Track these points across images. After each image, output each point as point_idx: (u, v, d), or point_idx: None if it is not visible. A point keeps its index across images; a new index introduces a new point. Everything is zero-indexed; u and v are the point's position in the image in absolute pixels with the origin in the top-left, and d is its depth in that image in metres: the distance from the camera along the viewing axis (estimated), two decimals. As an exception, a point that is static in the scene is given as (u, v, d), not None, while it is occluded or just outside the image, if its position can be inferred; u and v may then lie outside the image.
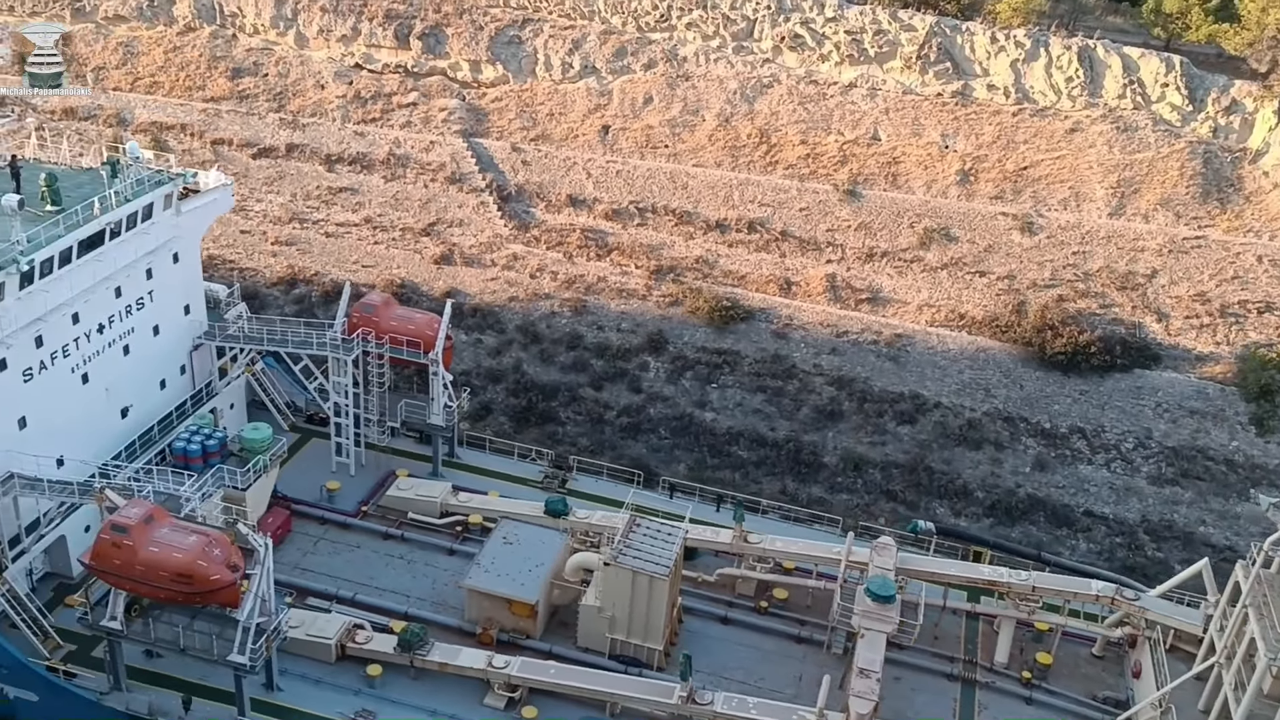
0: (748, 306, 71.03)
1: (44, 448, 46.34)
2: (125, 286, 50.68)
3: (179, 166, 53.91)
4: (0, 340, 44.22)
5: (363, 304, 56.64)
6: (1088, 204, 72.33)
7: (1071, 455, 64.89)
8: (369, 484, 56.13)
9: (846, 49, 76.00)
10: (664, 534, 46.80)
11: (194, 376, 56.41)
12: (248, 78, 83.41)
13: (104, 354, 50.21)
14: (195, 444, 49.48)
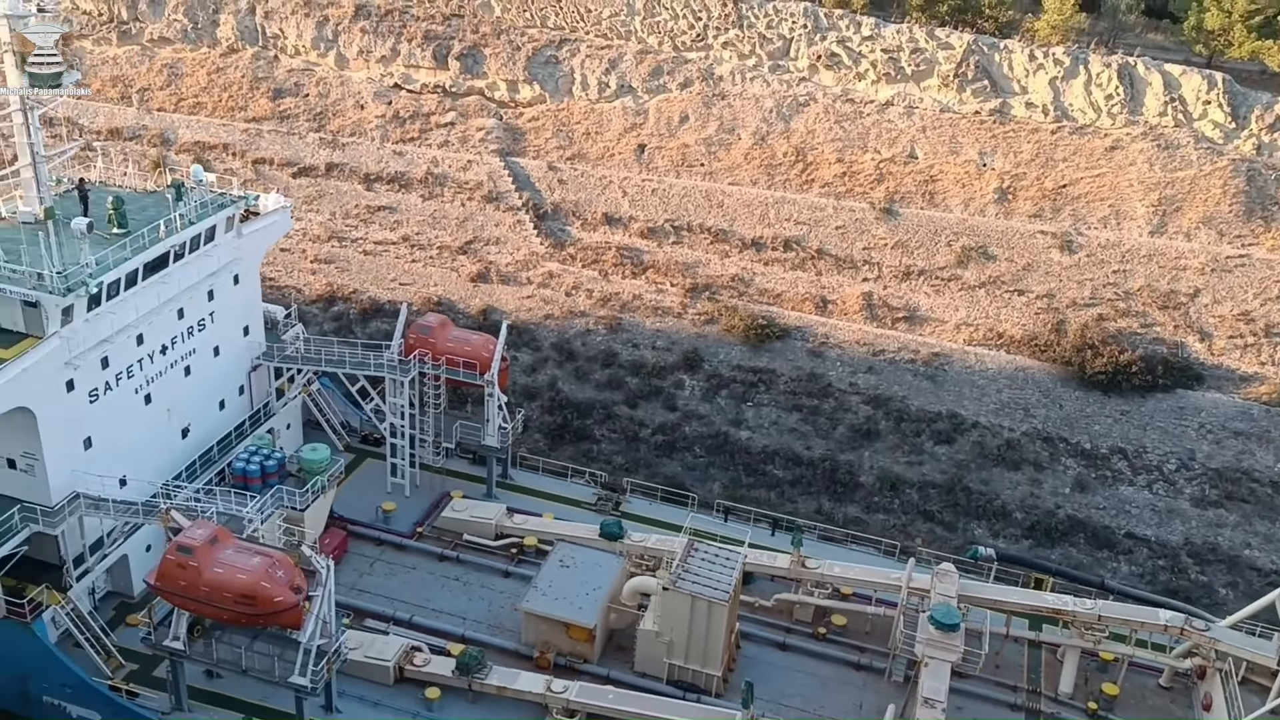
0: (783, 325, 70.82)
1: (108, 468, 46.96)
2: (188, 308, 51.30)
3: (240, 189, 54.74)
4: (68, 361, 44.82)
5: (419, 325, 57.01)
6: (1128, 222, 71.59)
7: (1112, 476, 64.01)
8: (424, 505, 56.38)
9: (883, 67, 75.85)
10: (723, 559, 46.36)
11: (252, 397, 56.93)
12: (289, 98, 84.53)
13: (166, 375, 50.77)
14: (254, 464, 49.73)
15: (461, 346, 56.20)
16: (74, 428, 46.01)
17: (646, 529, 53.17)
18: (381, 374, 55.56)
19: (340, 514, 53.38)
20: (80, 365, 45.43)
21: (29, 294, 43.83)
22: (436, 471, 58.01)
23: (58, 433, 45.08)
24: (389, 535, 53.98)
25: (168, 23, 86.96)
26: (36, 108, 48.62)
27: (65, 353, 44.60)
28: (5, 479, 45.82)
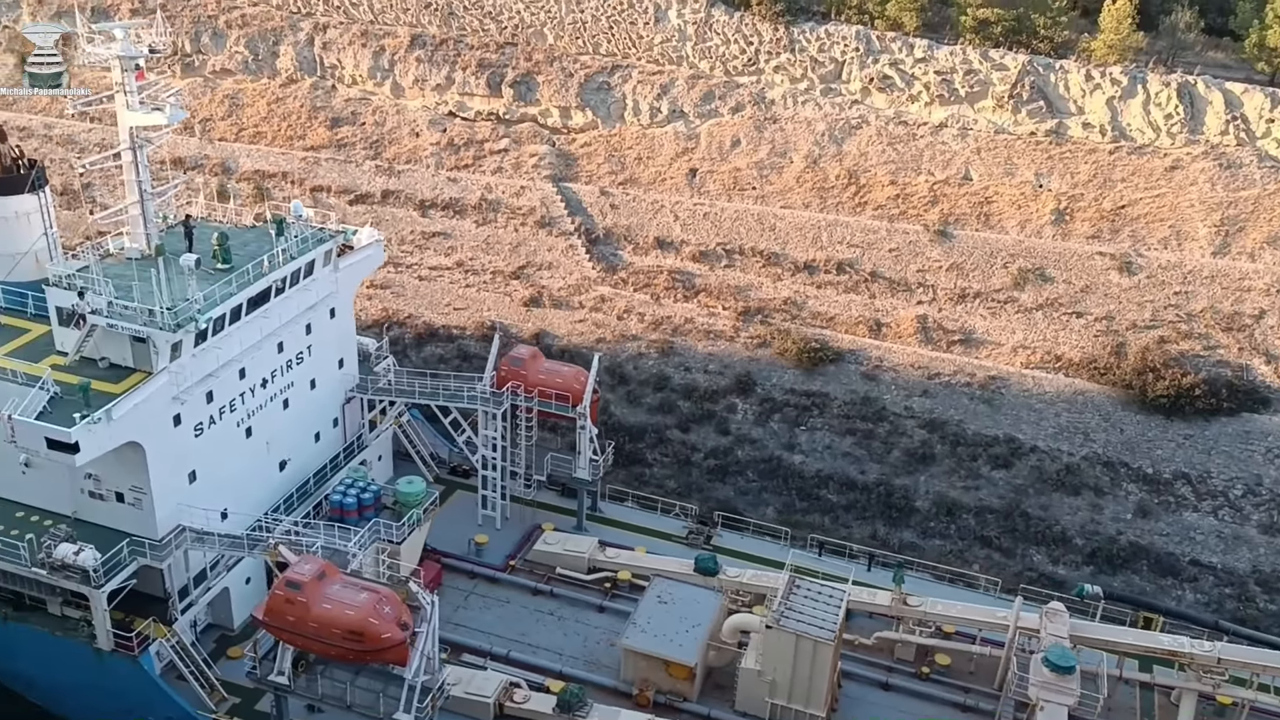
0: (837, 348, 70.35)
1: (210, 501, 47.70)
2: (287, 342, 52.23)
3: (337, 223, 55.81)
4: (176, 396, 45.59)
5: (511, 357, 57.53)
6: (1189, 243, 70.28)
7: (1176, 502, 62.59)
8: (515, 538, 56.54)
9: (936, 89, 75.40)
10: (825, 596, 45.56)
11: (345, 429, 57.65)
12: (346, 127, 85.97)
13: (266, 408, 51.59)
14: (351, 497, 50.08)
15: (553, 379, 56.49)
16: (180, 461, 46.72)
17: (741, 564, 52.45)
18: (474, 406, 55.71)
19: (433, 546, 53.19)
20: (187, 400, 46.27)
21: (139, 329, 44.63)
22: (527, 504, 58.19)
23: (165, 467, 45.73)
24: (482, 568, 53.90)
25: (229, 55, 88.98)
26: (145, 145, 49.62)
27: (173, 388, 45.38)
28: (112, 512, 46.57)
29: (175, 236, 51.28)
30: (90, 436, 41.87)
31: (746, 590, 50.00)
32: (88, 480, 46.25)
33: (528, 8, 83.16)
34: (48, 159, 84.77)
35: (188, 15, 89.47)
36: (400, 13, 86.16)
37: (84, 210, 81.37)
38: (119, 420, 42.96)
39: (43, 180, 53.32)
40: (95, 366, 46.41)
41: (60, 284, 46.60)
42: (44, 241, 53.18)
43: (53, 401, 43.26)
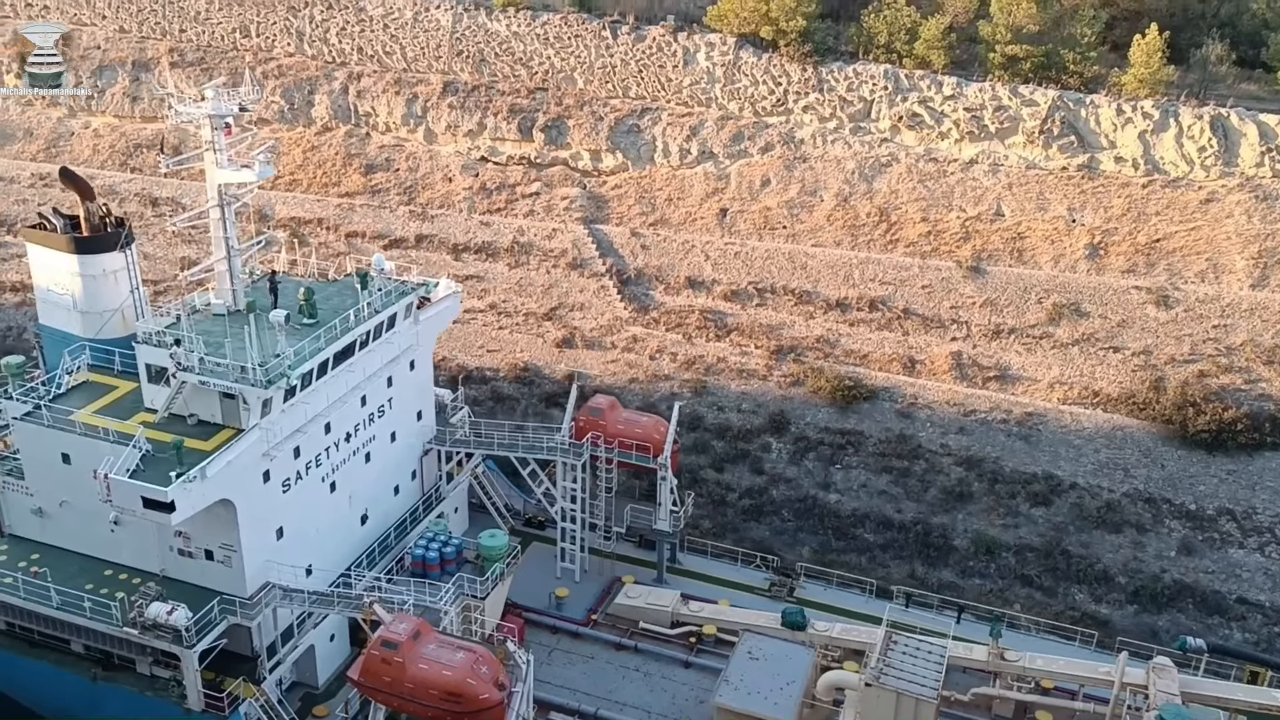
0: (871, 386, 69.98)
1: (296, 557, 47.65)
2: (370, 395, 52.20)
3: (417, 276, 56.09)
4: (266, 453, 45.45)
5: (589, 407, 57.37)
6: (1227, 276, 69.54)
7: (1220, 539, 61.46)
8: (595, 591, 56.02)
9: (966, 126, 75.44)
10: (925, 651, 44.28)
11: (423, 481, 57.46)
12: (380, 173, 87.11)
13: (349, 462, 51.55)
14: (434, 551, 49.85)
15: (633, 429, 56.17)
16: (268, 518, 46.58)
17: (829, 617, 51.44)
18: (554, 457, 55.28)
19: (513, 600, 52.77)
20: (276, 456, 46.18)
21: (231, 386, 44.62)
22: (605, 556, 57.53)
23: (254, 523, 45.56)
24: (564, 622, 53.25)
25: (266, 104, 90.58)
26: (233, 202, 50.24)
27: (264, 444, 45.22)
28: (201, 570, 46.44)
29: (259, 291, 51.50)
30: (185, 495, 41.74)
31: (836, 645, 48.79)
32: (177, 538, 46.14)
33: (558, 53, 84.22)
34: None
35: (225, 67, 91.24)
36: (432, 60, 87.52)
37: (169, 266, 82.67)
38: (212, 478, 42.75)
39: (130, 238, 53.66)
40: (184, 423, 46.53)
41: (150, 341, 46.73)
42: (130, 298, 53.41)
43: (145, 459, 43.31)
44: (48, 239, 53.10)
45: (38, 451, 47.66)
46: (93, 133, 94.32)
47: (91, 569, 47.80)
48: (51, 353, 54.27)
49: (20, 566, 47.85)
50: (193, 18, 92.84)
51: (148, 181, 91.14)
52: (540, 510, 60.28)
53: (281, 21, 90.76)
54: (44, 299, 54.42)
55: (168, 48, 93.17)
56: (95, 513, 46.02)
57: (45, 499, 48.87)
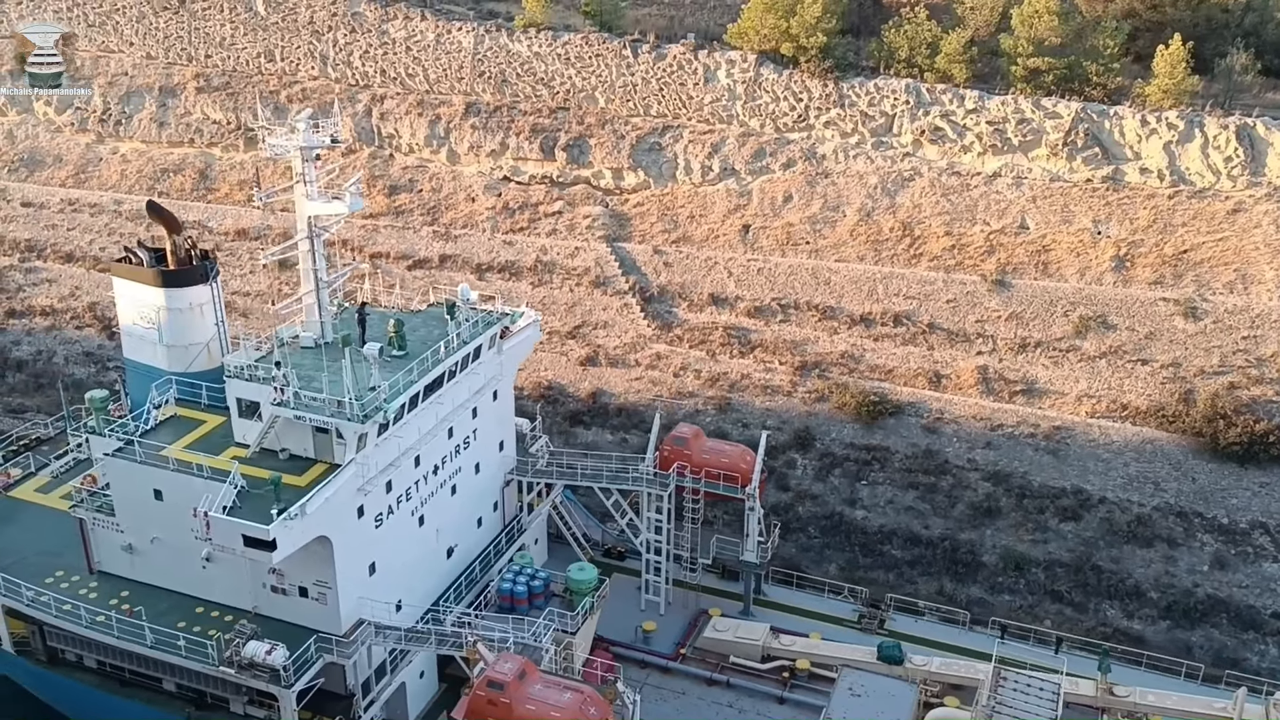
0: (896, 401, 69.64)
1: (386, 593, 46.86)
2: (456, 427, 51.30)
3: (501, 306, 55.67)
4: (360, 488, 44.75)
5: (674, 437, 56.48)
6: (1256, 286, 68.88)
7: (1254, 552, 60.67)
8: (680, 624, 54.82)
9: (989, 139, 75.19)
10: (1038, 688, 43.08)
11: (504, 512, 56.76)
12: (403, 194, 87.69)
13: (436, 495, 50.77)
14: (521, 585, 49.25)
15: (719, 458, 55.15)
16: (362, 553, 45.78)
17: (924, 650, 50.30)
18: (639, 488, 54.40)
19: (599, 634, 51.43)
20: (370, 491, 45.48)
21: (327, 421, 43.85)
22: (689, 587, 56.37)
23: (350, 560, 44.86)
24: (653, 657, 52.08)
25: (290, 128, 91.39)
26: (321, 234, 49.63)
27: (359, 479, 44.57)
28: (294, 607, 45.75)
29: (345, 323, 50.84)
30: (286, 533, 41.03)
31: (936, 680, 47.65)
32: (270, 575, 45.39)
33: (579, 73, 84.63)
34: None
35: (251, 91, 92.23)
36: (455, 82, 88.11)
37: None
38: (311, 515, 42.08)
39: (215, 271, 53.40)
40: (275, 458, 45.87)
41: (242, 375, 46.14)
42: (216, 332, 53.15)
43: (241, 496, 42.64)
44: (135, 273, 52.68)
45: (129, 488, 46.85)
46: (120, 158, 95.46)
47: (183, 606, 47.20)
48: (136, 387, 53.60)
49: (111, 604, 47.11)
50: (218, 43, 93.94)
51: (175, 205, 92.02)
52: (619, 540, 59.26)
53: (305, 45, 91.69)
54: (129, 333, 53.81)
55: (193, 73, 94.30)
56: (187, 549, 45.53)
57: (136, 535, 48.05)
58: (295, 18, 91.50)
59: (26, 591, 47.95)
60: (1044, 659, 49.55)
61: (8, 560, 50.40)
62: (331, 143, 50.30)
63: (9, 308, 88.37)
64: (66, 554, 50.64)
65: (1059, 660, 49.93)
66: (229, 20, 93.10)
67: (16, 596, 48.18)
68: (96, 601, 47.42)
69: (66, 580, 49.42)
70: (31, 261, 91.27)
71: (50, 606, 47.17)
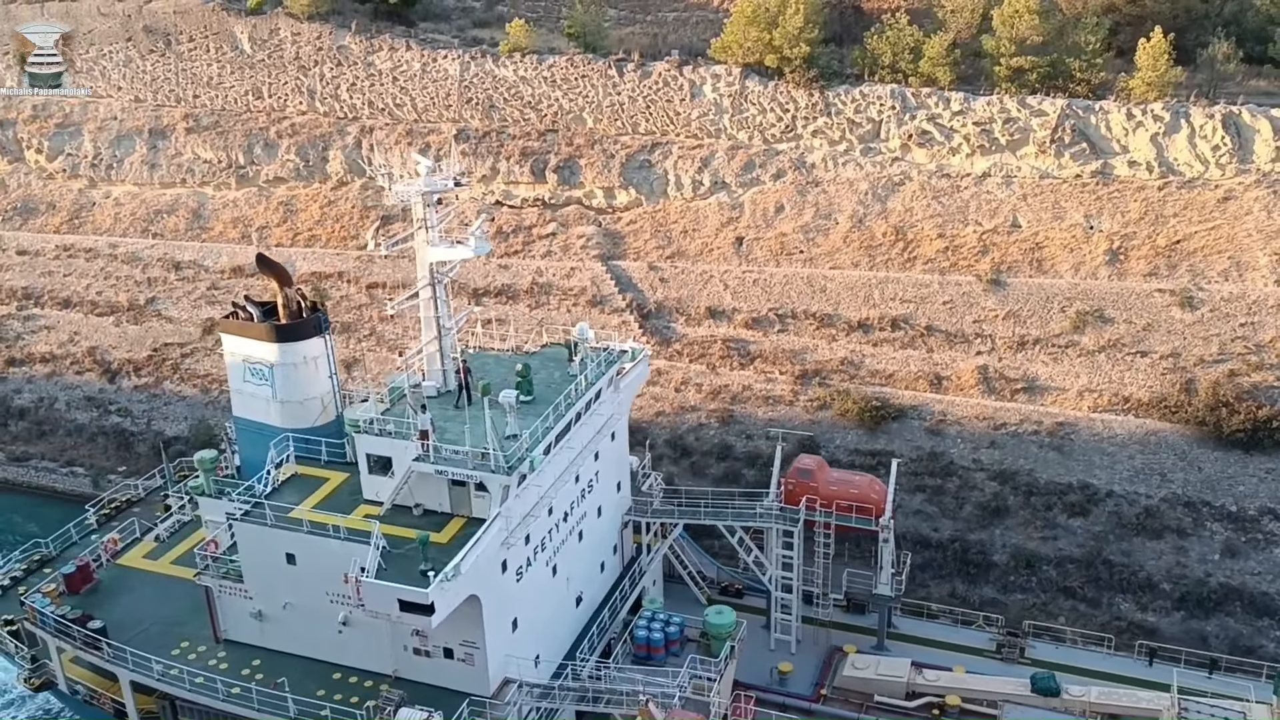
0: (898, 405, 69.70)
1: (527, 648, 45.30)
2: (582, 472, 49.46)
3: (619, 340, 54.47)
4: (504, 542, 43.08)
5: (799, 469, 54.60)
6: (1251, 273, 69.06)
7: (1265, 539, 60.60)
8: (813, 663, 52.64)
9: (976, 140, 75.52)
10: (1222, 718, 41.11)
11: (622, 555, 55.19)
12: (397, 223, 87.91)
13: (567, 543, 49.02)
14: (657, 632, 47.88)
15: (847, 489, 53.22)
16: (506, 610, 44.09)
17: (1076, 679, 48.60)
18: (768, 524, 52.37)
19: (735, 678, 49.05)
20: (513, 544, 43.84)
21: (471, 474, 42.33)
22: (819, 624, 54.33)
23: (496, 617, 43.19)
24: (793, 699, 49.62)
25: (281, 164, 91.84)
26: (442, 280, 48.32)
27: (503, 533, 42.94)
28: (437, 669, 43.96)
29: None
30: (443, 595, 39.25)
31: (1096, 711, 45.94)
32: (414, 637, 43.63)
33: (566, 95, 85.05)
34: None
35: (240, 129, 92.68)
36: (443, 110, 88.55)
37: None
38: (469, 573, 40.33)
39: (327, 323, 52.03)
40: (409, 514, 44.43)
41: (371, 430, 44.31)
42: (330, 386, 51.84)
43: (384, 557, 40.93)
44: (246, 328, 51.18)
45: (259, 552, 44.99)
46: (113, 202, 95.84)
47: (318, 673, 45.29)
48: (247, 446, 52.13)
49: (243, 674, 45.48)
50: (205, 83, 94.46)
51: (169, 246, 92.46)
52: (734, 577, 57.61)
53: (292, 81, 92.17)
54: (239, 390, 52.00)
55: (182, 114, 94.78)
56: (322, 614, 44.29)
57: (266, 601, 46.14)
58: (281, 54, 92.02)
59: (156, 665, 45.96)
60: (1197, 681, 47.61)
61: (130, 633, 48.51)
62: (455, 185, 48.69)
63: (9, 356, 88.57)
64: (189, 623, 49.02)
65: (1214, 683, 48.25)
66: (215, 60, 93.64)
67: (146, 670, 46.20)
68: (227, 672, 45.70)
69: (193, 651, 47.65)
70: (29, 309, 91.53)
71: (184, 680, 45.24)
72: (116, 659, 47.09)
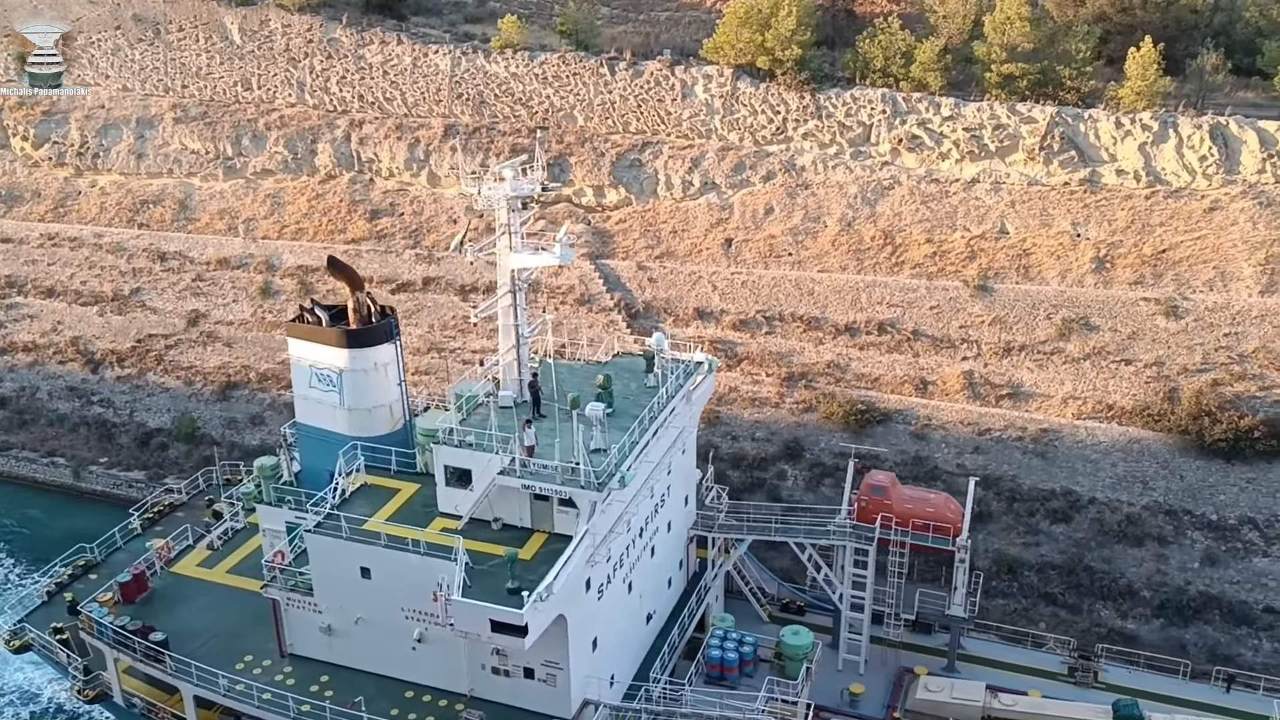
0: (883, 409, 69.89)
1: (604, 668, 44.15)
2: (656, 485, 48.17)
3: (693, 351, 52.61)
4: (590, 559, 41.84)
5: (872, 485, 53.38)
6: (1235, 283, 69.49)
7: (1244, 548, 61.04)
8: (883, 684, 51.82)
9: (966, 146, 75.74)
10: None
11: (687, 570, 54.23)
12: (385, 218, 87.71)
13: (641, 559, 47.98)
14: (731, 651, 47.15)
15: (922, 508, 52.20)
16: (589, 629, 42.92)
17: (1158, 707, 47.96)
18: (842, 541, 51.36)
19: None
20: (596, 561, 42.76)
21: (560, 490, 41.14)
22: (889, 645, 53.37)
23: (580, 637, 42.06)
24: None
25: (269, 155, 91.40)
26: (522, 288, 47.19)
27: (589, 549, 41.76)
28: (516, 689, 42.78)
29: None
30: (535, 615, 38.12)
31: None
32: (493, 656, 42.47)
33: (557, 92, 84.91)
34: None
35: (228, 121, 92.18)
36: (433, 105, 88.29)
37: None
38: (560, 592, 39.29)
39: (396, 329, 50.85)
40: (487, 528, 43.32)
41: (450, 441, 43.08)
42: (399, 393, 50.78)
43: (469, 574, 39.79)
44: (315, 333, 49.79)
45: (331, 565, 43.54)
46: (99, 191, 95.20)
47: (390, 691, 44.02)
48: (309, 453, 51.07)
49: (311, 691, 44.12)
50: (194, 73, 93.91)
51: (155, 237, 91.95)
52: (797, 595, 56.88)
53: (282, 73, 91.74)
54: (304, 396, 50.66)
55: (170, 104, 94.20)
56: (395, 630, 43.21)
57: (337, 616, 44.77)
58: (271, 45, 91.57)
59: (223, 680, 44.43)
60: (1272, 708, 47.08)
61: (191, 645, 47.01)
62: (543, 189, 47.63)
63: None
64: (249, 635, 47.61)
65: (1230, 698, 48.18)
66: (205, 50, 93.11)
67: (212, 685, 44.65)
68: (296, 689, 44.23)
69: (258, 665, 46.14)
70: (12, 298, 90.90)
71: (252, 696, 43.70)
72: (180, 673, 45.66)
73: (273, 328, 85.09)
